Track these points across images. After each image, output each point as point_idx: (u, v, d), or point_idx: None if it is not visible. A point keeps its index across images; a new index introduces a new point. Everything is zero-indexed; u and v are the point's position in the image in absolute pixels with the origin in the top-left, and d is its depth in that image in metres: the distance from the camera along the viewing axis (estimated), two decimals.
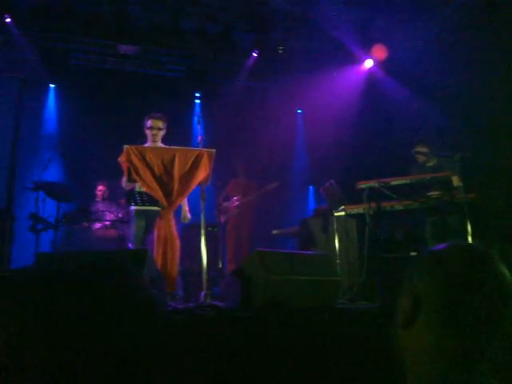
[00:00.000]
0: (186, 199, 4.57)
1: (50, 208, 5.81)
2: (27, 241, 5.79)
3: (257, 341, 2.90)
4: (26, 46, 6.61)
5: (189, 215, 4.80)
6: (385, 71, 7.63)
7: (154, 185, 3.82)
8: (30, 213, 5.67)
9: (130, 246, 4.85)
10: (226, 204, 7.19)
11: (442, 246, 1.02)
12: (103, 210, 6.39)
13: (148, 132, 4.78)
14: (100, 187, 6.66)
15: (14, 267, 5.66)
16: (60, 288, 0.74)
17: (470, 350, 0.91)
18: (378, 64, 7.67)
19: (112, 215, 6.21)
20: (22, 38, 6.48)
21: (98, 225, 6.29)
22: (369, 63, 7.73)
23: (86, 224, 6.20)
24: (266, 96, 8.36)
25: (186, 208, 4.74)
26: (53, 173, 6.69)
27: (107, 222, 6.23)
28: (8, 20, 6.18)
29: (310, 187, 8.66)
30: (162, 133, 4.80)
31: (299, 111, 9.06)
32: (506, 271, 0.94)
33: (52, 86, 7.74)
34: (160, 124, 4.78)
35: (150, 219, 4.64)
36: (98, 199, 6.65)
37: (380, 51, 7.38)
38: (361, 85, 7.73)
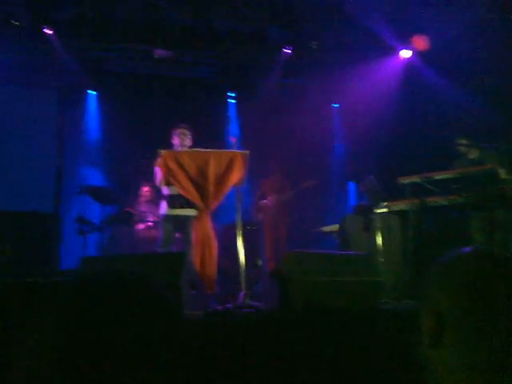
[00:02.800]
0: None
1: (95, 211, 6.00)
2: (75, 243, 6.00)
3: (296, 342, 2.87)
4: (66, 55, 6.77)
5: None
6: (423, 61, 7.40)
7: (190, 188, 3.88)
8: (77, 216, 5.87)
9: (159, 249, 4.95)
10: (262, 202, 7.18)
11: (451, 254, 0.95)
12: (146, 211, 6.51)
13: (176, 139, 4.93)
14: (145, 189, 6.78)
15: (62, 269, 5.86)
16: (99, 292, 0.76)
17: (502, 367, 0.84)
18: (416, 54, 7.44)
19: (155, 216, 6.32)
20: (62, 48, 6.65)
21: (141, 226, 6.43)
22: (406, 53, 7.51)
23: (129, 225, 6.33)
24: (301, 92, 8.28)
25: None
26: (97, 177, 6.90)
27: (150, 223, 6.35)
28: (48, 31, 6.35)
29: (350, 183, 8.51)
30: (189, 138, 4.97)
31: (336, 106, 8.93)
32: None
33: (92, 92, 7.93)
34: (186, 131, 4.98)
35: (178, 223, 4.78)
36: (141, 200, 6.78)
37: (421, 41, 7.16)
38: (398, 76, 7.53)
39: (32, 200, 6.04)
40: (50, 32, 6.36)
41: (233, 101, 8.44)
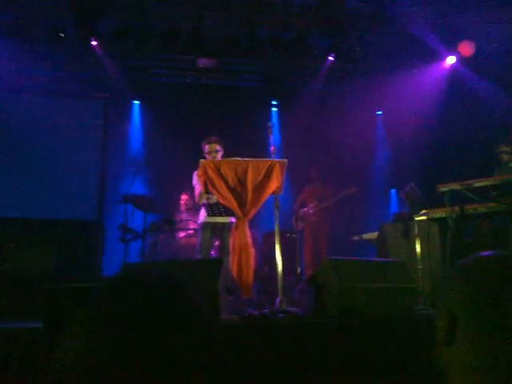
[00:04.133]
0: None
1: (137, 219, 6.16)
2: (117, 251, 6.17)
3: (331, 349, 2.90)
4: (111, 66, 7.01)
5: None
6: (468, 68, 7.25)
7: (229, 196, 3.97)
8: (119, 224, 6.05)
9: (198, 256, 5.07)
10: (303, 211, 7.20)
11: (469, 258, 0.98)
12: (187, 220, 6.66)
13: (207, 156, 5.05)
14: (184, 197, 6.93)
15: (105, 275, 6.05)
16: (136, 296, 0.79)
17: (511, 365, 0.86)
18: (461, 60, 7.30)
19: (195, 224, 6.45)
20: (107, 59, 6.88)
21: (182, 233, 6.57)
22: (451, 60, 7.38)
23: (170, 233, 6.49)
24: (344, 99, 8.26)
25: None
26: (139, 186, 7.10)
27: (191, 231, 6.49)
28: (94, 43, 6.57)
29: (392, 191, 8.41)
30: (220, 154, 5.09)
31: (379, 113, 8.86)
32: None
33: (136, 102, 8.16)
34: (217, 146, 5.11)
35: (215, 230, 5.03)
36: (181, 209, 6.94)
37: (466, 47, 7.03)
38: (443, 83, 7.40)
39: (77, 208, 6.27)
40: (95, 43, 6.58)
41: (275, 109, 8.52)
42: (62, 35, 6.41)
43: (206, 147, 5.14)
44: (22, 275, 4.79)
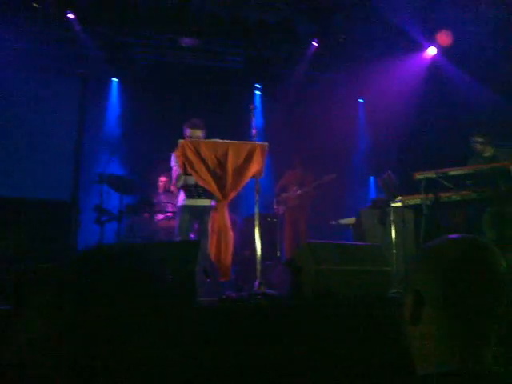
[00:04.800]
0: None
1: (113, 200, 6.06)
2: (93, 232, 6.08)
3: (307, 329, 2.95)
4: (89, 41, 6.78)
5: None
6: (448, 58, 7.35)
7: (209, 178, 3.92)
8: (94, 205, 5.93)
9: (176, 239, 5.03)
10: (284, 195, 7.24)
11: (435, 241, 1.02)
12: (165, 202, 6.57)
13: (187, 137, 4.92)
14: (162, 179, 6.83)
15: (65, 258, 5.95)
16: (108, 277, 0.80)
17: (472, 337, 0.91)
18: (442, 51, 7.39)
19: (174, 206, 6.38)
20: (85, 34, 6.65)
21: (160, 216, 6.49)
22: (432, 51, 7.47)
23: (148, 215, 6.41)
24: (326, 85, 8.27)
25: None
26: (116, 166, 6.98)
27: (169, 214, 6.41)
28: (71, 16, 6.33)
29: (371, 178, 8.52)
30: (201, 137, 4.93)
31: (361, 100, 8.91)
32: (500, 259, 0.95)
33: (115, 80, 7.95)
34: (198, 133, 4.93)
35: (194, 213, 4.91)
36: (159, 191, 6.85)
37: (445, 37, 7.11)
38: (423, 73, 7.50)
39: (51, 187, 6.13)
40: (73, 17, 6.31)
41: (258, 92, 8.47)
42: (36, 5, 6.13)
43: (188, 131, 4.96)
44: None
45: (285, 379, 2.77)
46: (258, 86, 8.44)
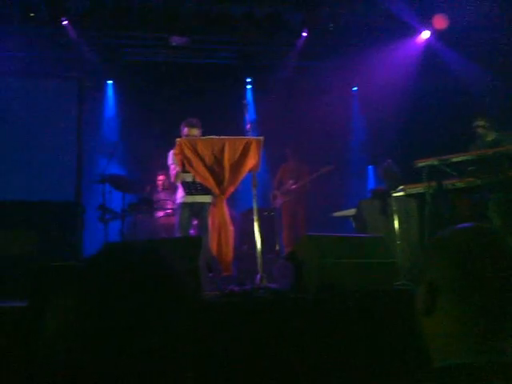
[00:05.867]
0: None
1: (116, 199, 6.12)
2: (97, 231, 6.15)
3: (311, 323, 2.93)
4: (82, 45, 6.88)
5: None
6: (444, 42, 7.27)
7: (206, 174, 3.97)
8: (98, 204, 6.01)
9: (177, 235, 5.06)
10: (279, 190, 7.22)
11: (447, 230, 1.02)
12: (165, 199, 6.61)
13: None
14: (160, 177, 6.87)
15: (86, 256, 6.03)
16: (117, 274, 0.79)
17: (490, 326, 0.90)
18: (437, 34, 7.31)
19: (173, 204, 6.40)
20: (79, 39, 6.75)
21: (160, 213, 6.53)
22: (426, 34, 7.39)
23: (149, 213, 6.44)
24: (319, 75, 8.21)
25: None
26: (116, 166, 7.02)
27: (169, 210, 6.45)
28: (65, 22, 6.46)
29: (370, 167, 8.46)
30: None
31: (355, 89, 8.85)
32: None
33: (109, 82, 8.00)
34: (195, 131, 4.95)
35: (193, 210, 4.98)
36: (159, 189, 6.88)
37: (440, 21, 7.03)
38: (418, 58, 7.42)
39: (55, 189, 6.19)
40: (66, 22, 6.45)
41: (250, 86, 8.44)
42: (33, 15, 6.27)
43: (185, 130, 4.98)
44: (4, 257, 4.75)
45: (290, 373, 2.76)
46: (249, 80, 8.39)
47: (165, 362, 0.75)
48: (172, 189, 6.71)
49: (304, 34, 7.28)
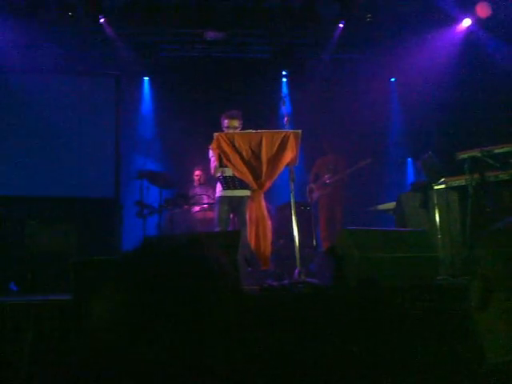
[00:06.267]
0: None
1: (153, 195, 6.23)
2: (135, 226, 6.27)
3: (352, 318, 2.89)
4: (119, 42, 7.00)
5: None
6: (486, 29, 7.02)
7: (244, 169, 3.96)
8: (136, 200, 6.14)
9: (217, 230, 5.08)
10: (316, 183, 7.15)
11: (501, 223, 0.97)
12: (201, 194, 6.67)
13: (225, 131, 4.95)
14: (197, 172, 6.94)
15: (125, 249, 6.17)
16: (160, 269, 0.79)
17: None
18: (478, 22, 7.06)
19: (209, 198, 6.47)
20: (116, 36, 6.88)
21: (196, 208, 6.59)
22: (466, 22, 7.15)
23: (185, 208, 6.52)
24: (355, 67, 8.10)
25: None
26: (153, 162, 7.14)
27: (205, 205, 6.51)
28: (102, 20, 6.62)
29: (409, 160, 8.29)
30: (238, 130, 4.96)
31: (393, 80, 8.68)
32: None
33: (146, 78, 8.12)
34: (235, 123, 4.99)
35: (232, 204, 5.00)
36: (195, 184, 6.95)
37: (484, 8, 6.78)
38: (458, 47, 7.19)
39: (94, 186, 6.34)
40: (103, 20, 6.62)
41: (285, 79, 8.39)
42: (71, 14, 6.43)
43: (226, 122, 5.02)
44: (45, 251, 4.90)
45: (331, 369, 2.73)
46: (285, 73, 8.33)
47: (207, 354, 0.75)
48: (208, 184, 6.77)
49: (340, 26, 7.17)
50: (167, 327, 0.73)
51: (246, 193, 4.76)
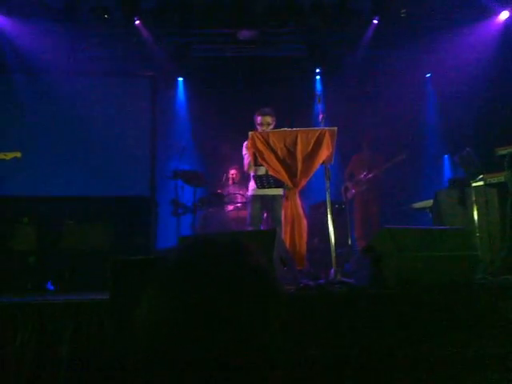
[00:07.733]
0: None
1: (187, 194, 6.30)
2: (170, 224, 6.36)
3: (391, 318, 2.86)
4: (154, 44, 7.11)
5: None
6: None
7: (279, 167, 3.94)
8: (171, 199, 6.23)
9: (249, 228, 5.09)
10: (352, 181, 7.08)
11: None
12: (234, 193, 6.72)
13: (258, 127, 4.98)
14: (232, 171, 7.00)
15: (159, 248, 6.25)
16: (197, 270, 0.80)
17: None
18: None
19: (242, 197, 6.50)
20: (150, 37, 6.99)
21: (230, 207, 6.63)
22: (504, 15, 6.95)
23: (219, 207, 6.57)
24: (390, 63, 7.98)
25: None
26: (188, 161, 7.21)
27: (239, 204, 6.54)
28: (137, 22, 6.75)
29: (445, 156, 8.12)
30: (271, 127, 4.97)
31: (428, 75, 8.52)
32: None
33: (180, 79, 8.23)
34: (269, 119, 4.99)
35: (264, 203, 5.00)
36: (229, 182, 6.99)
37: None
38: (496, 40, 7.00)
39: (130, 185, 6.45)
40: (138, 22, 6.76)
41: (319, 77, 8.34)
42: (106, 16, 6.57)
43: (259, 118, 5.03)
44: (82, 250, 5.00)
45: (369, 370, 2.71)
46: (318, 70, 8.28)
47: (253, 353, 0.75)
48: (242, 183, 6.80)
49: (375, 22, 7.07)
50: (220, 327, 0.74)
51: (279, 191, 4.77)
